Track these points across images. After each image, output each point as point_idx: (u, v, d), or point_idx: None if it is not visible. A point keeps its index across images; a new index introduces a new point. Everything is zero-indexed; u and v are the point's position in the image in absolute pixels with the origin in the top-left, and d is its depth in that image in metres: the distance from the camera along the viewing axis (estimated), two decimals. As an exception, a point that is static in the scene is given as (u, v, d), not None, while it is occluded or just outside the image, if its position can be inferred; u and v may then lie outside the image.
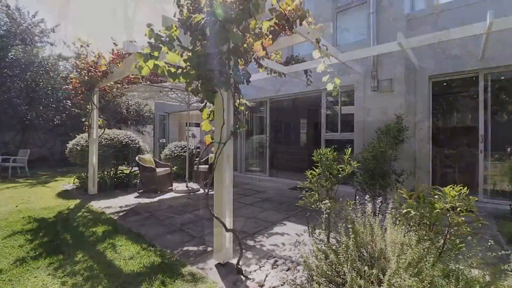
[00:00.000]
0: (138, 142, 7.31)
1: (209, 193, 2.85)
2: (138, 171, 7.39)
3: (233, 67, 2.65)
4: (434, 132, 5.84)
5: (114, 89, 6.30)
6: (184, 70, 2.60)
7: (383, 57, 5.65)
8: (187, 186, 6.55)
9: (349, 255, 1.99)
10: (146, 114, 15.29)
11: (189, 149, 7.12)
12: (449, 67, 5.30)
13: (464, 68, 5.17)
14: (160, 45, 2.36)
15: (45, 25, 10.86)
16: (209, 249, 3.16)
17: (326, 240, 2.84)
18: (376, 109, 5.80)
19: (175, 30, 2.55)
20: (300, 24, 3.10)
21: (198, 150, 9.34)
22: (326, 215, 2.89)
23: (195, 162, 7.65)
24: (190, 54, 2.58)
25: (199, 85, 2.78)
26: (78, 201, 5.41)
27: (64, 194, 6.00)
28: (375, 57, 5.72)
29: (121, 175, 7.02)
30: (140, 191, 6.39)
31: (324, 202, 2.54)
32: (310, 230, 3.53)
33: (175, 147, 8.51)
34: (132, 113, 14.58)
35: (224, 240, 2.73)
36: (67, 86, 5.64)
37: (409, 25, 5.67)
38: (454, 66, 5.24)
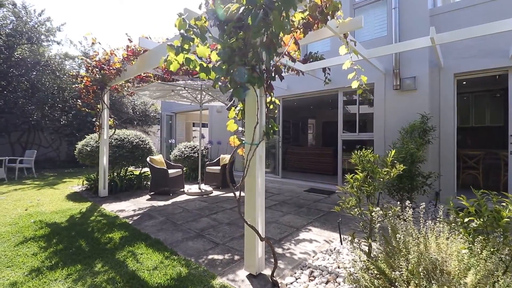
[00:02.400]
0: (148, 142, 7.11)
1: (224, 195, 2.63)
2: (148, 173, 7.20)
3: (266, 62, 2.44)
4: (458, 132, 5.60)
5: (125, 88, 6.11)
6: (216, 65, 2.39)
7: (406, 54, 5.42)
8: (200, 188, 6.34)
9: (412, 270, 1.77)
10: (152, 114, 15.11)
11: (204, 149, 6.91)
12: (475, 65, 5.06)
13: (492, 66, 4.92)
14: (193, 37, 2.15)
15: (51, 23, 10.71)
16: (236, 257, 2.94)
17: (367, 250, 2.62)
18: (398, 108, 5.57)
19: (205, 22, 2.34)
20: (333, 17, 2.88)
21: (207, 150, 9.14)
22: (367, 222, 2.67)
23: (207, 163, 7.44)
24: (220, 47, 2.38)
25: (228, 81, 2.58)
26: (89, 204, 5.21)
27: (74, 197, 5.80)
28: (398, 55, 5.49)
29: (131, 176, 6.81)
30: (151, 193, 6.18)
31: (374, 209, 2.31)
32: (347, 238, 3.31)
33: (184, 148, 8.32)
34: (138, 113, 14.41)
35: (256, 250, 2.51)
36: (77, 85, 5.45)
37: (432, 21, 5.43)
38: (481, 63, 5.00)
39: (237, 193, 2.41)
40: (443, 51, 5.16)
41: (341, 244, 3.27)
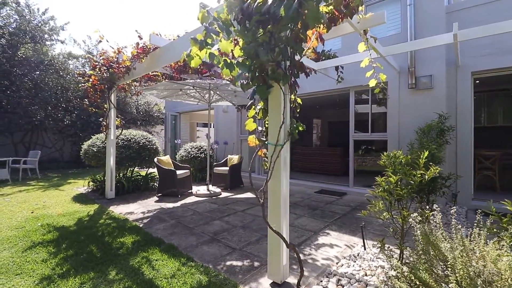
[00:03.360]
0: (155, 143, 6.97)
1: (234, 196, 2.48)
2: (154, 173, 7.06)
3: (291, 58, 2.30)
4: (474, 132, 5.44)
5: (132, 87, 5.97)
6: (240, 60, 2.25)
7: (422, 52, 5.27)
8: (208, 190, 6.19)
9: (460, 281, 1.62)
10: (155, 114, 14.98)
11: (212, 150, 6.77)
12: (494, 63, 4.90)
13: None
14: (218, 30, 2.00)
15: (55, 22, 10.57)
16: (256, 264, 2.80)
17: (399, 257, 2.47)
18: (413, 107, 5.42)
19: (228, 15, 2.20)
20: (357, 12, 2.74)
21: (212, 151, 8.98)
22: (397, 227, 2.53)
23: (214, 164, 7.30)
24: (241, 42, 2.23)
25: (249, 78, 2.44)
26: (96, 206, 5.07)
27: (80, 198, 5.66)
28: (413, 52, 5.34)
29: (137, 177, 6.67)
30: (159, 194, 6.04)
31: (409, 214, 2.16)
32: (369, 243, 3.16)
33: (191, 148, 8.18)
34: (141, 113, 14.28)
35: (281, 257, 2.36)
36: (83, 84, 5.31)
37: (448, 18, 5.28)
38: (499, 61, 4.84)
39: (261, 199, 2.26)
40: (459, 49, 5.01)
41: (364, 249, 3.12)
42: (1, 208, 4.81)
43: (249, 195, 6.20)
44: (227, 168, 6.89)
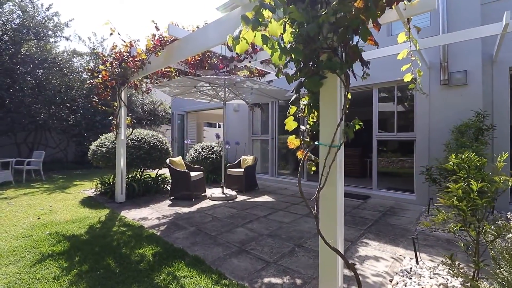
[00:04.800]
0: (166, 143, 6.63)
1: (251, 200, 2.13)
2: (165, 175, 6.72)
3: (351, 44, 1.95)
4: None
5: (143, 84, 5.63)
6: (292, 45, 1.90)
7: (455, 46, 4.91)
8: (223, 193, 5.84)
9: None
10: (161, 113, 14.65)
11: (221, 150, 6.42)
12: (535, 57, 4.54)
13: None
14: (273, 6, 1.65)
15: (59, 18, 10.24)
16: (298, 281, 2.44)
17: (472, 276, 2.11)
18: (445, 105, 5.05)
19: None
20: (409, -4, 2.39)
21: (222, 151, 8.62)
22: (470, 242, 2.16)
23: (228, 165, 6.94)
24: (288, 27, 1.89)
25: (296, 67, 2.09)
26: (107, 211, 4.72)
27: (88, 202, 5.32)
28: (446, 47, 4.98)
29: (148, 179, 6.33)
30: (171, 197, 5.70)
31: (488, 228, 1.80)
32: (412, 256, 2.80)
33: (201, 149, 7.83)
34: (146, 112, 13.94)
35: (337, 277, 2.01)
36: (92, 81, 4.96)
37: (483, 10, 4.91)
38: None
39: (308, 205, 1.91)
40: (494, 42, 4.65)
41: (417, 263, 2.76)
42: (4, 213, 4.47)
43: (267, 198, 5.85)
44: (242, 169, 6.54)
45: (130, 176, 6.15)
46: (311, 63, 1.99)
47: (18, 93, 9.13)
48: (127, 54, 4.43)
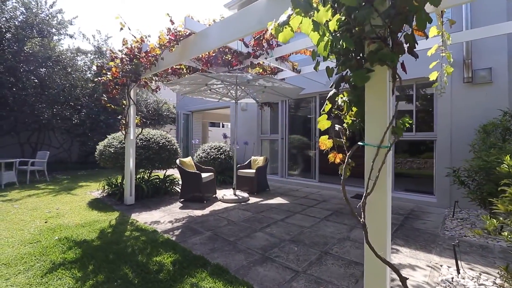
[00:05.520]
0: (174, 143, 6.43)
1: (264, 202, 1.93)
2: (173, 176, 6.53)
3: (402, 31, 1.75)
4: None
5: (153, 82, 5.43)
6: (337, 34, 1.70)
7: (479, 42, 4.70)
8: (235, 194, 5.64)
9: None
10: (164, 113, 14.45)
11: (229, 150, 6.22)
12: None
13: None
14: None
15: (63, 16, 10.05)
16: (334, 294, 2.24)
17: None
18: (469, 104, 4.84)
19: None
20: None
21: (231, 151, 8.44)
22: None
23: (238, 166, 6.74)
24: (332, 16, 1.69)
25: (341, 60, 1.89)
26: (116, 214, 4.52)
27: (96, 204, 5.12)
28: (469, 43, 4.77)
29: (156, 180, 6.13)
30: (182, 199, 5.50)
31: None
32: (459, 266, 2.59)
33: (210, 149, 7.63)
34: (150, 112, 13.75)
35: (386, 293, 1.81)
36: (100, 78, 4.76)
37: (509, 4, 4.71)
38: None
39: (354, 214, 1.71)
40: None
41: (458, 273, 2.56)
42: (10, 217, 4.28)
43: (280, 200, 5.65)
44: (253, 170, 6.34)
45: (138, 177, 5.96)
46: (360, 54, 1.78)
47: (21, 92, 8.94)
48: (139, 49, 4.23)
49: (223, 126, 20.02)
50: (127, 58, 4.28)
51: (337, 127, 2.34)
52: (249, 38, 4.53)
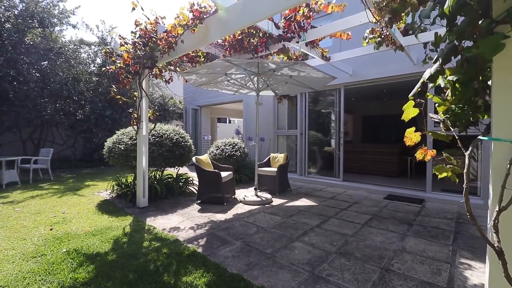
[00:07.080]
0: (188, 140, 5.92)
1: (290, 204, 1.40)
2: (186, 174, 6.04)
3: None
4: None
5: (167, 71, 4.91)
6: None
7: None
8: (257, 195, 5.14)
9: None
10: (171, 108, 13.93)
11: (246, 147, 5.70)
12: None
13: None
14: None
15: (65, 5, 9.49)
16: (424, 333, 1.72)
17: None
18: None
19: None
20: None
21: (244, 148, 7.92)
22: None
23: (258, 164, 6.22)
24: None
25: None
26: (130, 218, 4.03)
27: (106, 207, 4.63)
28: None
29: (169, 180, 5.64)
30: (199, 201, 5.01)
31: None
32: None
33: (224, 145, 7.12)
34: (156, 107, 13.23)
35: None
36: (109, 67, 4.23)
37: None
38: None
39: (484, 235, 1.19)
40: None
41: None
42: (11, 222, 3.79)
43: (306, 202, 5.14)
44: (274, 169, 5.82)
45: (149, 176, 5.46)
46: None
47: (22, 86, 8.42)
48: (154, 32, 3.69)
49: (229, 122, 19.46)
50: (140, 42, 3.74)
51: (432, 116, 1.83)
52: (277, 19, 3.99)
